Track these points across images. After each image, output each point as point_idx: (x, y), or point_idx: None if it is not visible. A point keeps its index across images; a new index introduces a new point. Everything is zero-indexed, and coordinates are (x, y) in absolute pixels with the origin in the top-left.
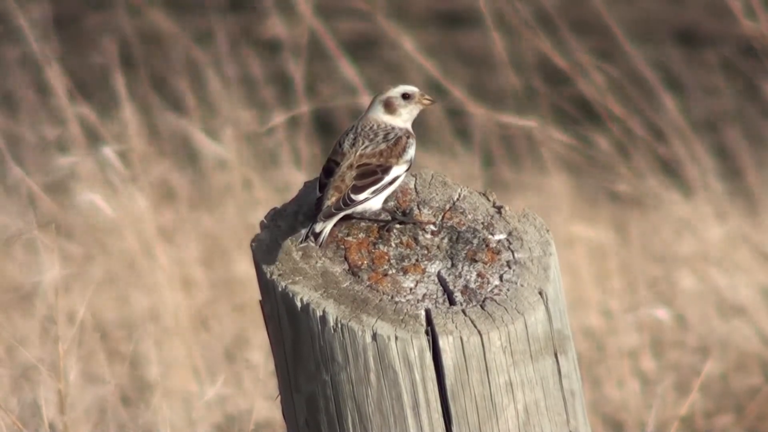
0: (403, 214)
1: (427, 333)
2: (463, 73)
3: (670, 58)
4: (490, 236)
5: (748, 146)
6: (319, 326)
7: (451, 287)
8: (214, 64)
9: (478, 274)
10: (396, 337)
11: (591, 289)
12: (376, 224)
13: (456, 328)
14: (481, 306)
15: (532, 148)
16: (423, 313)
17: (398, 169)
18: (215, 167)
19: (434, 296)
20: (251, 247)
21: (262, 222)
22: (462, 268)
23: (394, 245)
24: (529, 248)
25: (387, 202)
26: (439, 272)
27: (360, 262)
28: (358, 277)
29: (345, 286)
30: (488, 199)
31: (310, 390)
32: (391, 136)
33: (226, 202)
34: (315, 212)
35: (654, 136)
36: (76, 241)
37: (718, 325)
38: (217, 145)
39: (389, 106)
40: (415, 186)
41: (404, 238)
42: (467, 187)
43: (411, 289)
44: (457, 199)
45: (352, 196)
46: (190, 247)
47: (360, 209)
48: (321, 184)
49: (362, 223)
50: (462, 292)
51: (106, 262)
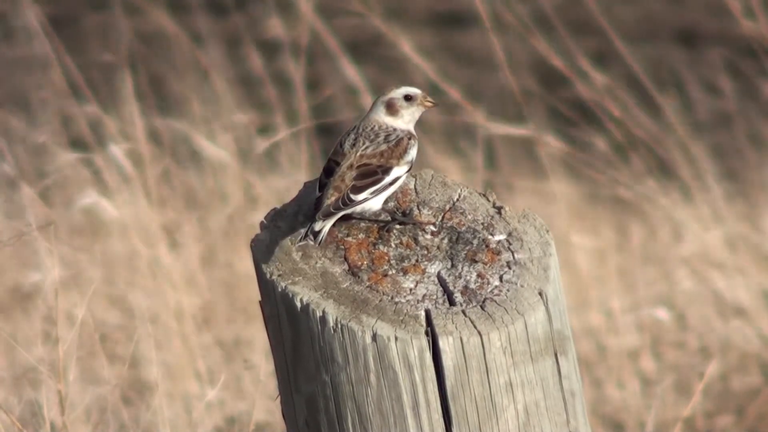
0: (403, 214)
1: (427, 333)
2: (461, 74)
3: (670, 59)
4: (490, 237)
5: (748, 147)
6: (319, 327)
7: (451, 288)
8: (213, 64)
9: (478, 275)
10: (396, 338)
11: (591, 289)
12: (375, 225)
13: (456, 328)
14: (481, 306)
15: (531, 149)
16: (423, 314)
17: (399, 170)
18: (215, 167)
19: (434, 297)
20: (251, 247)
21: (262, 222)
22: (462, 268)
23: (394, 246)
24: (529, 249)
25: (387, 203)
26: (439, 273)
27: (360, 263)
28: (358, 278)
29: (345, 286)
30: (488, 200)
31: (310, 390)
32: (393, 137)
33: (226, 203)
34: (314, 211)
35: (653, 138)
36: (77, 242)
37: (718, 326)
38: (217, 147)
39: (391, 108)
40: (415, 186)
41: (404, 239)
42: (467, 188)
43: (411, 290)
44: (457, 200)
45: (352, 196)
46: (191, 247)
47: (360, 209)
48: (321, 184)
49: (362, 224)
50: (462, 293)
51: (107, 263)
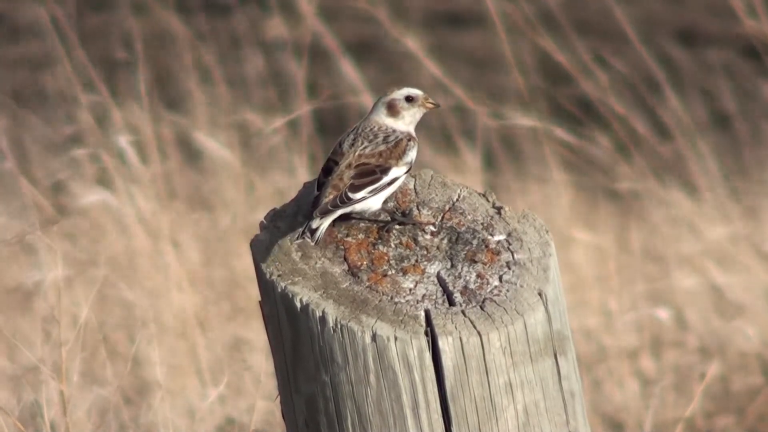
0: (403, 214)
1: (426, 334)
2: (465, 73)
3: (672, 58)
4: (489, 237)
5: (750, 146)
6: (319, 327)
7: (451, 288)
8: (216, 64)
9: (478, 275)
10: (395, 338)
11: (591, 289)
12: (375, 225)
13: (455, 328)
14: (480, 307)
15: (534, 147)
16: (422, 314)
17: (397, 171)
18: (216, 167)
19: (434, 297)
20: (251, 247)
21: (262, 223)
22: (461, 268)
23: (393, 246)
24: (529, 249)
25: (386, 203)
26: (438, 273)
27: (359, 263)
28: (358, 278)
29: (344, 286)
30: (488, 200)
31: (310, 390)
32: (392, 138)
33: (226, 203)
34: (312, 209)
35: (656, 135)
36: (79, 241)
37: (718, 326)
38: (219, 146)
39: (392, 109)
40: (415, 187)
41: (404, 239)
42: (467, 188)
43: (410, 290)
44: (457, 200)
45: (349, 195)
46: (191, 247)
47: (359, 209)
48: (319, 183)
49: (362, 224)
50: (461, 293)
51: (109, 262)
